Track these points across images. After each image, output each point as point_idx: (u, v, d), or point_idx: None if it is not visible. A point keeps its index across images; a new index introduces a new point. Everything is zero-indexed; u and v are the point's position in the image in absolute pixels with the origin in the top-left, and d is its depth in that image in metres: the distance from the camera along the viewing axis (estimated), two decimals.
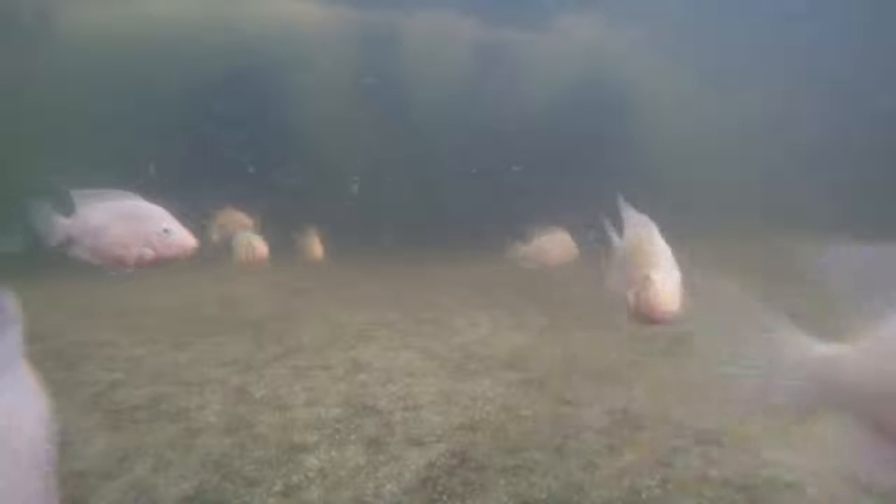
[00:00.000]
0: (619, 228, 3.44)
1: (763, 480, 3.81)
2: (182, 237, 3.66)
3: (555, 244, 6.44)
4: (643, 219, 3.30)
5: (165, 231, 3.61)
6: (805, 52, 15.39)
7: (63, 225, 3.74)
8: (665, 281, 2.87)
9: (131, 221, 3.61)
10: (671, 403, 4.93)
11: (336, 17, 13.64)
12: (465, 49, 14.26)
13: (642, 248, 3.06)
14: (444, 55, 13.91)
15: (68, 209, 3.67)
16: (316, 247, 7.73)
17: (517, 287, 9.23)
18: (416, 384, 5.45)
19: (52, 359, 6.16)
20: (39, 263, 5.02)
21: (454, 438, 4.39)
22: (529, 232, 6.48)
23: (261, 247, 6.32)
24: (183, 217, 3.70)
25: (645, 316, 2.95)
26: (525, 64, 14.36)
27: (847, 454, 1.46)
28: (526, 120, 12.76)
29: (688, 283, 2.98)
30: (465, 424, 4.61)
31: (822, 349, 1.61)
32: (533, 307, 8.31)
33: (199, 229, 6.01)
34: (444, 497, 3.68)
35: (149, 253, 3.61)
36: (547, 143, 12.57)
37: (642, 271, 2.90)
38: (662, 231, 3.24)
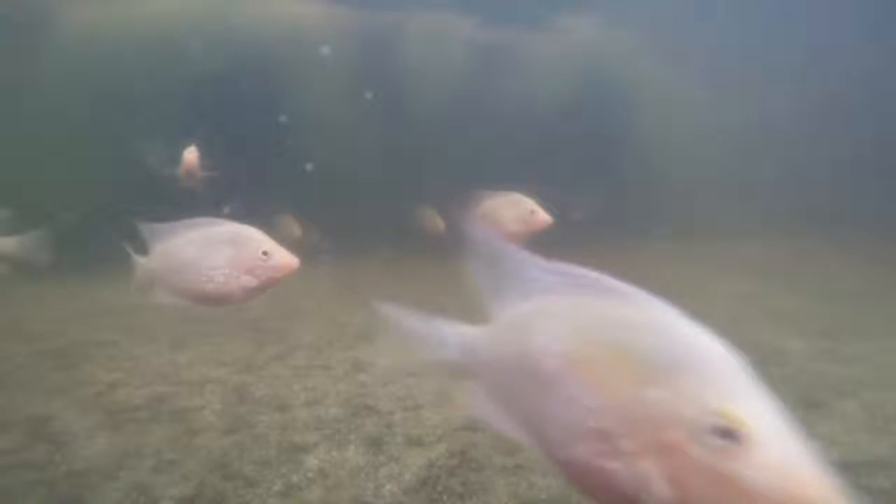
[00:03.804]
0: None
1: None
2: (283, 258, 3.20)
3: (508, 208, 4.96)
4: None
5: (265, 254, 3.16)
6: (804, 53, 15.39)
7: (143, 266, 3.20)
8: None
9: (225, 249, 3.13)
10: None
11: (336, 17, 13.64)
12: (464, 49, 14.26)
13: None
14: (443, 55, 13.90)
15: (141, 246, 3.22)
16: (294, 227, 8.05)
17: None
18: (416, 384, 5.45)
19: (52, 359, 6.16)
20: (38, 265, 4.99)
21: (454, 438, 4.39)
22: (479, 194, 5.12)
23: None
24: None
25: None
26: (524, 64, 14.36)
27: (477, 412, 1.82)
28: (525, 120, 12.76)
29: None
30: (465, 424, 4.61)
31: (469, 331, 1.99)
32: None
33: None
34: (444, 497, 3.68)
35: (252, 282, 3.15)
36: (546, 142, 12.57)
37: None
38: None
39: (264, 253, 3.15)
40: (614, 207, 12.33)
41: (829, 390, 5.21)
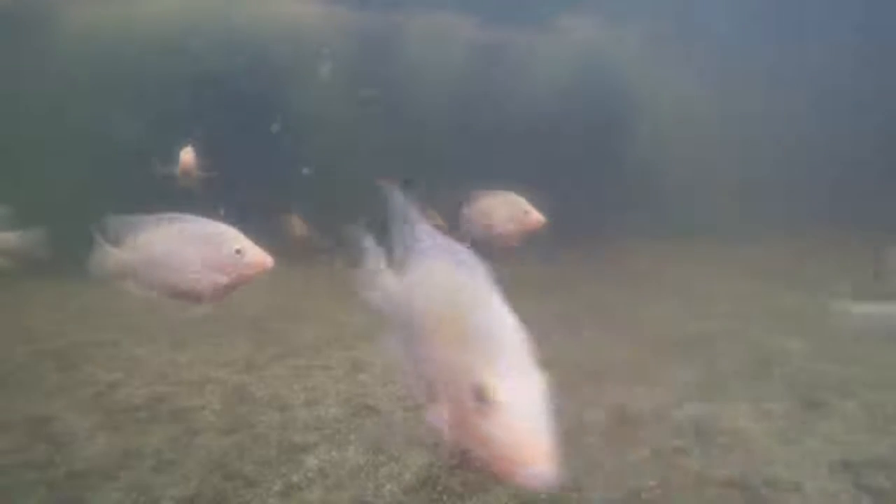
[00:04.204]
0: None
1: (763, 480, 3.81)
2: (256, 257, 3.10)
3: (502, 207, 4.88)
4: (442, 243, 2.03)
5: (238, 252, 3.06)
6: (804, 52, 15.39)
7: (115, 256, 3.19)
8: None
9: (198, 245, 3.08)
10: None
11: (336, 17, 13.64)
12: (464, 49, 14.26)
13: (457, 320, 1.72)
14: (443, 55, 13.90)
15: (114, 236, 3.20)
16: (298, 226, 8.76)
17: (517, 284, 9.22)
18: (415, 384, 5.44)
19: (52, 359, 6.16)
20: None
21: None
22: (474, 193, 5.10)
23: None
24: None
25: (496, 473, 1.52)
26: (524, 64, 14.36)
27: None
28: (524, 120, 12.75)
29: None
30: None
31: (392, 281, 2.26)
32: (534, 304, 8.30)
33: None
34: (444, 497, 3.68)
35: (222, 279, 3.06)
36: (546, 142, 12.57)
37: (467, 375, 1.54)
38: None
39: (237, 251, 3.07)
40: (615, 207, 12.33)
41: (829, 390, 5.21)
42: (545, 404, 1.54)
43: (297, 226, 9.42)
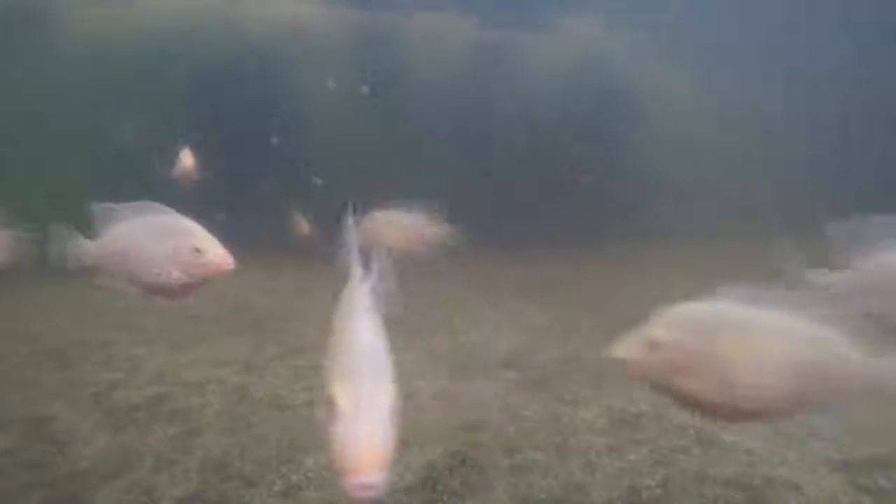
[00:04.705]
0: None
1: (763, 480, 3.81)
2: (216, 257, 3.06)
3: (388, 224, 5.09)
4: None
5: (198, 251, 3.03)
6: (805, 54, 15.40)
7: (86, 248, 3.22)
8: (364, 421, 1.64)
9: (160, 240, 3.05)
10: None
11: (336, 17, 13.64)
12: (464, 49, 14.26)
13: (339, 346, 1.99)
14: (442, 55, 13.90)
15: (92, 229, 3.19)
16: (303, 225, 9.24)
17: (516, 286, 9.23)
18: (416, 384, 5.45)
19: (52, 359, 6.16)
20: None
21: (454, 438, 4.39)
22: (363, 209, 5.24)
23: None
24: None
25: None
26: (523, 64, 14.36)
27: None
28: (524, 120, 12.75)
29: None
30: (466, 424, 4.61)
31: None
32: (533, 306, 8.31)
33: None
34: (444, 497, 3.68)
35: (180, 277, 3.06)
36: (546, 143, 12.57)
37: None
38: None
39: (197, 249, 3.04)
40: (613, 209, 12.33)
41: None
42: (387, 417, 1.70)
43: (301, 225, 9.54)
